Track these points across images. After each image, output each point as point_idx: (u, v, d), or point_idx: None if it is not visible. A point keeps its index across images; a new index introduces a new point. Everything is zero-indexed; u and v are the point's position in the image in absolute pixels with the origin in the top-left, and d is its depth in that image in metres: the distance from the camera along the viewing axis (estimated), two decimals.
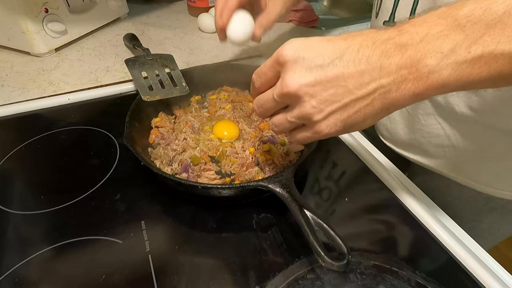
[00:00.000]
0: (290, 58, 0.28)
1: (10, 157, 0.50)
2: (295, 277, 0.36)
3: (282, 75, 0.29)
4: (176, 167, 0.47)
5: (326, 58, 0.27)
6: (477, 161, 0.46)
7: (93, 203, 0.43)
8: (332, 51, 0.27)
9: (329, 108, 0.28)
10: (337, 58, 0.26)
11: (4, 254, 0.38)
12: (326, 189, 0.48)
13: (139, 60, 0.59)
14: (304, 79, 0.27)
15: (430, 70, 0.24)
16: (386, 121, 0.55)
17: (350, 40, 0.27)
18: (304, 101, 0.28)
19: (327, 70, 0.27)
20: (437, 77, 0.24)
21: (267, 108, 0.32)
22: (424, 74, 0.24)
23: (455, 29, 0.23)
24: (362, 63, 0.26)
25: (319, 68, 0.27)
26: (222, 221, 0.42)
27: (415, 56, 0.24)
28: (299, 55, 0.27)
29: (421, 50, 0.24)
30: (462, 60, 0.23)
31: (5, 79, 0.66)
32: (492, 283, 0.36)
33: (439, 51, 0.24)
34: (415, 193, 0.46)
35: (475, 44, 0.23)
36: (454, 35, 0.23)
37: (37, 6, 0.68)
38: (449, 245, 0.40)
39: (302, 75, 0.27)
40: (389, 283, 0.35)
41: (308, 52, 0.27)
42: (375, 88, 0.26)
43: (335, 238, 0.33)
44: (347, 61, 0.26)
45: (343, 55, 0.26)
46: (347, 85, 0.27)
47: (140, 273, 0.36)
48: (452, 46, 0.23)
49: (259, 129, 0.54)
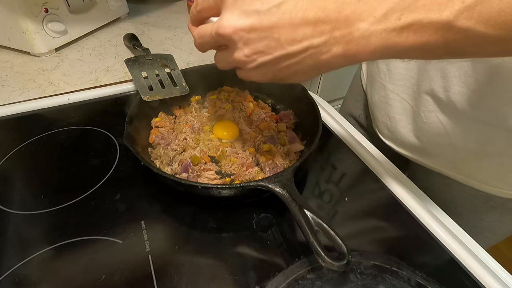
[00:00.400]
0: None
1: (10, 157, 0.50)
2: (295, 277, 0.36)
3: (221, 13, 0.28)
4: (176, 167, 0.47)
5: (265, 4, 0.26)
6: (477, 159, 0.46)
7: (93, 203, 0.44)
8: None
9: (261, 59, 0.28)
10: (275, 5, 0.25)
11: (4, 254, 0.38)
12: (326, 189, 0.48)
13: (139, 60, 0.59)
14: (240, 23, 0.27)
15: (360, 35, 0.24)
16: (386, 120, 0.55)
17: None
18: (238, 47, 0.28)
19: (263, 18, 0.26)
20: (366, 42, 0.24)
21: (205, 42, 0.32)
22: (355, 38, 0.24)
23: None
24: (298, 17, 0.25)
25: (255, 13, 0.26)
26: (222, 221, 0.42)
27: (350, 18, 0.24)
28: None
29: (357, 11, 0.24)
30: (392, 27, 0.23)
31: (5, 79, 0.66)
32: (492, 283, 0.36)
33: (372, 15, 0.23)
34: (415, 193, 0.46)
35: (407, 11, 0.22)
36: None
37: (37, 6, 0.68)
38: (449, 245, 0.40)
39: (239, 18, 0.27)
40: (389, 283, 0.35)
41: None
42: (306, 46, 0.26)
43: (335, 238, 0.33)
44: (283, 11, 0.25)
45: (281, 3, 0.25)
46: (279, 38, 0.26)
47: (140, 273, 0.36)
48: (386, 10, 0.23)
49: (259, 129, 0.54)
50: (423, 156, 0.52)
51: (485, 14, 0.20)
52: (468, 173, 0.49)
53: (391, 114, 0.54)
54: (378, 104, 0.56)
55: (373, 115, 0.61)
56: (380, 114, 0.57)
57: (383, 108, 0.55)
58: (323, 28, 0.25)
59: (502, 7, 0.20)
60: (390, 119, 0.54)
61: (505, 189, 0.47)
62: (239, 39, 0.27)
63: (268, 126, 0.54)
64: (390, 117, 0.54)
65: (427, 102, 0.46)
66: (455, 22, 0.21)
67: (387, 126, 0.56)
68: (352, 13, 0.24)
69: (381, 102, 0.55)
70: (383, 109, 0.55)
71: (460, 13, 0.21)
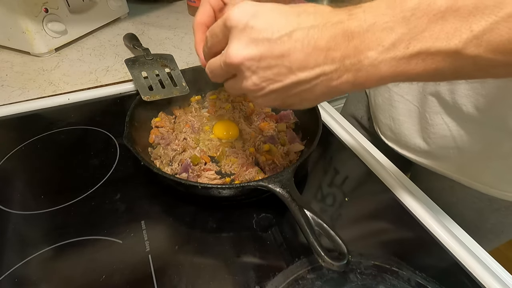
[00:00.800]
0: (237, 24, 0.27)
1: (10, 157, 0.50)
2: (295, 277, 0.36)
3: (228, 42, 0.28)
4: (176, 167, 0.47)
5: (276, 32, 0.26)
6: (482, 162, 0.46)
7: (93, 203, 0.43)
8: (283, 25, 0.26)
9: (271, 87, 0.28)
10: (286, 34, 0.25)
11: (4, 254, 0.38)
12: (326, 190, 0.48)
13: (139, 60, 0.59)
14: (248, 52, 0.26)
15: (370, 63, 0.24)
16: (390, 121, 0.55)
17: (303, 17, 0.26)
18: (246, 76, 0.28)
19: (273, 46, 0.26)
20: (375, 70, 0.24)
21: (216, 75, 0.32)
22: (364, 66, 0.25)
23: (400, 22, 0.23)
24: (310, 45, 0.25)
25: (266, 41, 0.26)
26: (222, 221, 0.42)
27: (359, 47, 0.24)
28: (248, 23, 0.26)
29: (365, 41, 0.24)
30: (401, 55, 0.23)
31: (5, 79, 0.66)
32: (492, 283, 0.36)
33: (381, 44, 0.24)
34: (415, 193, 0.46)
35: (414, 40, 0.23)
36: (398, 28, 0.23)
37: (37, 6, 0.68)
38: (449, 245, 0.40)
39: (247, 46, 0.26)
40: (389, 283, 0.35)
41: (258, 21, 0.26)
42: (318, 73, 0.26)
43: (335, 238, 0.33)
44: (295, 40, 0.25)
45: (292, 32, 0.25)
46: (291, 66, 0.26)
47: (140, 273, 0.36)
48: (394, 40, 0.23)
49: (259, 129, 0.54)
50: (427, 158, 0.52)
51: (494, 43, 0.20)
52: (472, 175, 0.48)
53: (395, 116, 0.53)
54: (381, 105, 0.56)
55: (376, 117, 0.60)
56: (384, 116, 0.56)
57: (387, 110, 0.55)
58: (334, 56, 0.25)
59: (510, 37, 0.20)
60: (394, 121, 0.54)
61: (510, 192, 0.46)
62: (247, 68, 0.27)
63: (268, 126, 0.54)
64: (394, 119, 0.54)
65: (432, 103, 0.46)
66: (464, 50, 0.21)
67: (390, 128, 0.56)
68: (361, 42, 0.24)
69: (384, 104, 0.55)
70: (386, 111, 0.55)
71: (469, 41, 0.21)
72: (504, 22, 0.20)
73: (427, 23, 0.22)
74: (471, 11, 0.21)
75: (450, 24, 0.21)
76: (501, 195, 0.47)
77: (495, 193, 0.47)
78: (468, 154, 0.46)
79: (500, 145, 0.43)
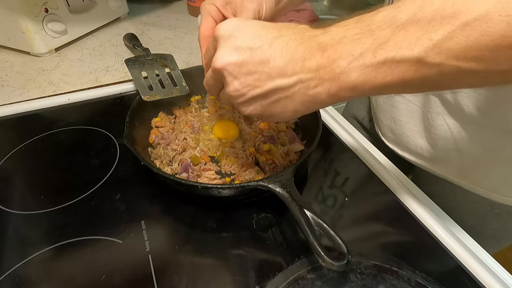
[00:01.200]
0: (224, 34, 0.29)
1: (10, 157, 0.50)
2: (295, 277, 0.36)
3: (216, 51, 0.30)
4: (176, 167, 0.47)
5: (257, 42, 0.28)
6: (483, 166, 0.46)
7: (93, 203, 0.43)
8: (265, 37, 0.28)
9: (251, 93, 0.29)
10: (266, 43, 0.28)
11: (4, 254, 0.38)
12: (327, 190, 0.48)
13: (139, 60, 0.59)
14: (231, 58, 0.29)
15: (341, 71, 0.26)
16: (392, 122, 0.55)
17: (283, 31, 0.28)
18: (228, 82, 0.30)
19: (255, 53, 0.28)
20: (346, 78, 0.26)
21: (210, 86, 0.34)
22: (336, 75, 0.26)
23: (366, 34, 0.25)
24: (288, 54, 0.27)
25: (248, 49, 0.28)
26: (222, 221, 0.42)
27: (331, 57, 0.26)
28: (233, 33, 0.29)
29: (337, 52, 0.26)
30: (368, 63, 0.24)
31: (5, 79, 0.66)
32: (492, 283, 0.36)
33: (351, 54, 0.25)
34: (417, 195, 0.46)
35: (381, 49, 0.24)
36: (365, 39, 0.25)
37: (37, 6, 0.68)
38: (449, 245, 0.40)
39: (231, 53, 0.29)
40: (389, 283, 0.35)
41: (242, 32, 0.29)
42: (295, 81, 0.28)
43: (335, 238, 0.33)
44: (275, 49, 0.28)
45: (273, 43, 0.28)
46: (270, 73, 0.28)
47: (140, 273, 0.36)
48: (362, 50, 0.25)
49: (259, 129, 0.54)
50: (428, 161, 0.52)
51: (454, 50, 0.21)
52: (473, 180, 0.48)
53: (396, 117, 0.53)
54: (382, 106, 0.56)
55: (377, 118, 0.60)
56: (385, 117, 0.56)
57: (388, 111, 0.55)
58: (310, 65, 0.27)
59: (469, 43, 0.21)
60: (396, 122, 0.54)
61: (511, 197, 0.46)
62: (229, 73, 0.29)
63: (268, 126, 0.54)
64: (395, 120, 0.54)
65: (434, 103, 0.46)
66: (426, 58, 0.22)
67: (392, 129, 0.56)
68: (334, 53, 0.26)
69: (386, 105, 0.55)
70: (388, 112, 0.55)
71: (429, 49, 0.22)
72: (461, 31, 0.21)
73: (391, 34, 0.23)
74: (429, 22, 0.22)
75: (412, 34, 0.23)
76: (503, 200, 0.47)
77: (497, 198, 0.47)
78: (469, 158, 0.46)
79: (502, 149, 0.43)
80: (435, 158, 0.50)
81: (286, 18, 0.91)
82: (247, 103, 0.31)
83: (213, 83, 0.33)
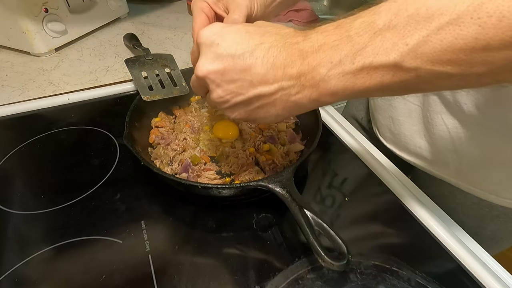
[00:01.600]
0: (205, 41, 0.30)
1: (10, 157, 0.50)
2: (295, 277, 0.36)
3: (199, 58, 0.31)
4: (176, 167, 0.47)
5: (239, 49, 0.28)
6: (481, 168, 0.45)
7: (93, 203, 0.43)
8: (246, 44, 0.28)
9: (235, 99, 0.30)
10: (248, 51, 0.28)
11: (4, 254, 0.38)
12: (327, 190, 0.48)
13: (139, 60, 0.59)
14: (213, 66, 0.29)
15: (321, 79, 0.26)
16: (390, 122, 0.55)
17: (266, 37, 0.29)
18: (212, 89, 0.31)
19: (236, 61, 0.28)
20: (326, 85, 0.26)
21: (195, 87, 0.35)
22: (317, 82, 0.27)
23: (345, 40, 0.25)
24: (269, 62, 0.28)
25: (229, 57, 0.28)
26: (222, 221, 0.42)
27: (311, 64, 0.26)
28: (214, 40, 0.29)
29: (317, 59, 0.26)
30: (347, 70, 0.25)
31: (5, 79, 0.66)
32: (492, 283, 0.36)
33: (330, 61, 0.26)
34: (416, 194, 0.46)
35: (359, 55, 0.24)
36: (343, 46, 0.25)
37: (37, 6, 0.68)
38: (448, 245, 0.40)
39: (213, 61, 0.29)
40: (389, 283, 0.35)
41: (224, 39, 0.29)
42: (277, 88, 0.28)
43: (335, 238, 0.33)
44: (256, 57, 0.28)
45: (254, 50, 0.28)
46: (252, 80, 0.28)
47: (140, 273, 0.36)
48: (340, 57, 0.25)
49: (259, 129, 0.54)
50: (426, 161, 0.52)
51: (429, 54, 0.21)
52: (472, 181, 0.48)
53: (395, 116, 0.53)
54: (381, 106, 0.56)
55: (375, 118, 0.60)
56: (383, 117, 0.56)
57: (387, 110, 0.55)
58: (291, 72, 0.27)
59: (444, 47, 0.21)
60: (394, 122, 0.54)
61: (510, 199, 0.46)
62: (212, 81, 0.30)
63: (268, 126, 0.54)
64: (394, 119, 0.54)
65: (433, 102, 0.46)
66: (402, 63, 0.23)
67: (390, 129, 0.56)
68: (314, 60, 0.26)
69: (384, 104, 0.55)
70: (386, 111, 0.55)
71: (405, 54, 0.22)
72: (435, 35, 0.21)
73: (368, 40, 0.24)
74: (405, 27, 0.22)
75: (388, 40, 0.23)
76: (501, 202, 0.47)
77: (495, 200, 0.47)
78: (467, 159, 0.46)
79: (500, 151, 0.42)
80: (433, 159, 0.50)
81: (286, 18, 0.91)
82: (231, 109, 0.32)
83: (197, 87, 0.34)
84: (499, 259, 0.40)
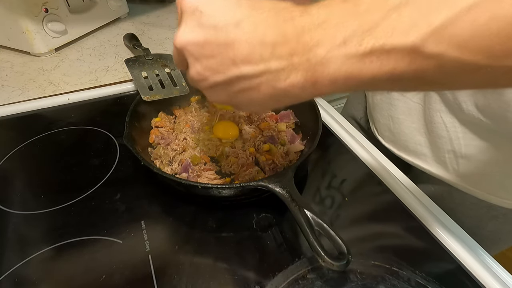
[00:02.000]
0: (188, 8, 0.25)
1: (10, 157, 0.50)
2: (295, 277, 0.36)
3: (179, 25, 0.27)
4: (176, 167, 0.47)
5: (222, 20, 0.24)
6: (480, 168, 0.45)
7: (93, 203, 0.43)
8: (233, 15, 0.24)
9: (213, 78, 0.26)
10: (232, 23, 0.23)
11: (4, 254, 0.38)
12: (327, 190, 0.48)
13: (139, 60, 0.59)
14: (193, 36, 0.25)
15: (318, 61, 0.22)
16: (389, 121, 0.55)
17: (257, 9, 0.24)
18: (190, 62, 0.27)
19: (219, 33, 0.24)
20: (324, 70, 0.22)
21: (177, 61, 0.30)
22: (312, 65, 0.22)
23: (353, 17, 0.21)
24: (256, 38, 0.23)
25: (212, 28, 0.24)
26: (222, 221, 0.42)
27: (308, 43, 0.22)
28: (198, 7, 0.25)
29: (316, 37, 0.22)
30: (353, 53, 0.21)
31: (5, 79, 0.66)
32: (492, 283, 0.36)
33: (331, 41, 0.21)
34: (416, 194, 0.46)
35: (368, 35, 0.20)
36: (350, 24, 0.21)
37: (37, 6, 0.68)
38: (449, 245, 0.40)
39: (193, 31, 0.25)
40: (389, 283, 0.35)
41: (208, 7, 0.25)
42: (262, 70, 0.24)
43: (335, 238, 0.33)
44: (241, 31, 0.23)
45: (240, 22, 0.23)
46: (235, 58, 0.24)
47: (140, 273, 0.36)
48: (345, 36, 0.21)
49: (259, 129, 0.54)
50: (425, 161, 0.51)
51: (458, 37, 0.18)
52: (470, 181, 0.48)
53: (394, 115, 0.53)
54: (379, 104, 0.56)
55: (373, 117, 0.60)
56: (382, 116, 0.56)
57: (386, 109, 0.54)
58: (281, 51, 0.23)
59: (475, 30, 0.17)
60: (394, 120, 0.54)
61: (508, 199, 0.46)
62: (190, 54, 0.26)
63: (268, 126, 0.54)
64: (393, 118, 0.53)
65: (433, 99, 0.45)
66: (423, 47, 0.19)
67: (389, 128, 0.55)
68: (311, 39, 0.22)
69: (383, 103, 0.55)
70: (385, 110, 0.55)
71: (428, 36, 0.18)
72: (466, 13, 0.17)
73: (382, 18, 0.20)
74: (428, 2, 0.18)
75: (407, 18, 0.19)
76: (500, 202, 0.47)
77: (493, 200, 0.47)
78: (465, 160, 0.45)
79: (499, 151, 0.42)
80: (432, 158, 0.50)
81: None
82: (211, 90, 0.27)
83: (179, 61, 0.29)
84: (499, 259, 0.40)
